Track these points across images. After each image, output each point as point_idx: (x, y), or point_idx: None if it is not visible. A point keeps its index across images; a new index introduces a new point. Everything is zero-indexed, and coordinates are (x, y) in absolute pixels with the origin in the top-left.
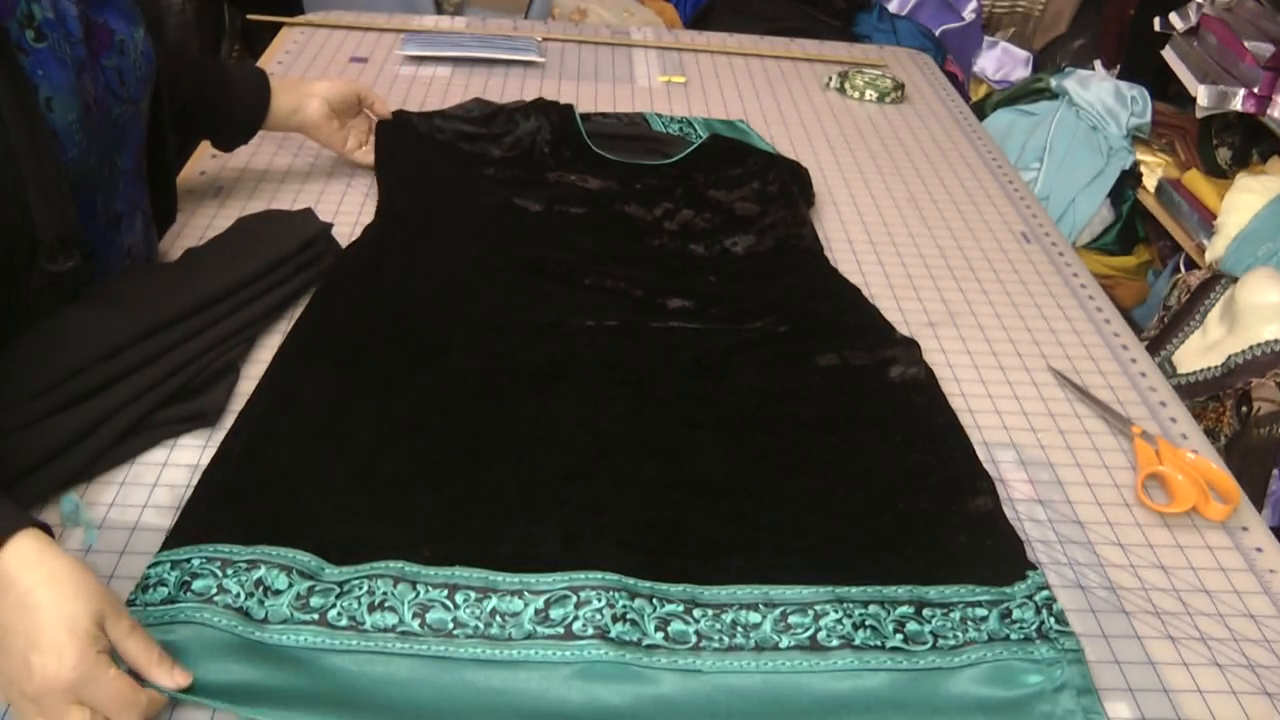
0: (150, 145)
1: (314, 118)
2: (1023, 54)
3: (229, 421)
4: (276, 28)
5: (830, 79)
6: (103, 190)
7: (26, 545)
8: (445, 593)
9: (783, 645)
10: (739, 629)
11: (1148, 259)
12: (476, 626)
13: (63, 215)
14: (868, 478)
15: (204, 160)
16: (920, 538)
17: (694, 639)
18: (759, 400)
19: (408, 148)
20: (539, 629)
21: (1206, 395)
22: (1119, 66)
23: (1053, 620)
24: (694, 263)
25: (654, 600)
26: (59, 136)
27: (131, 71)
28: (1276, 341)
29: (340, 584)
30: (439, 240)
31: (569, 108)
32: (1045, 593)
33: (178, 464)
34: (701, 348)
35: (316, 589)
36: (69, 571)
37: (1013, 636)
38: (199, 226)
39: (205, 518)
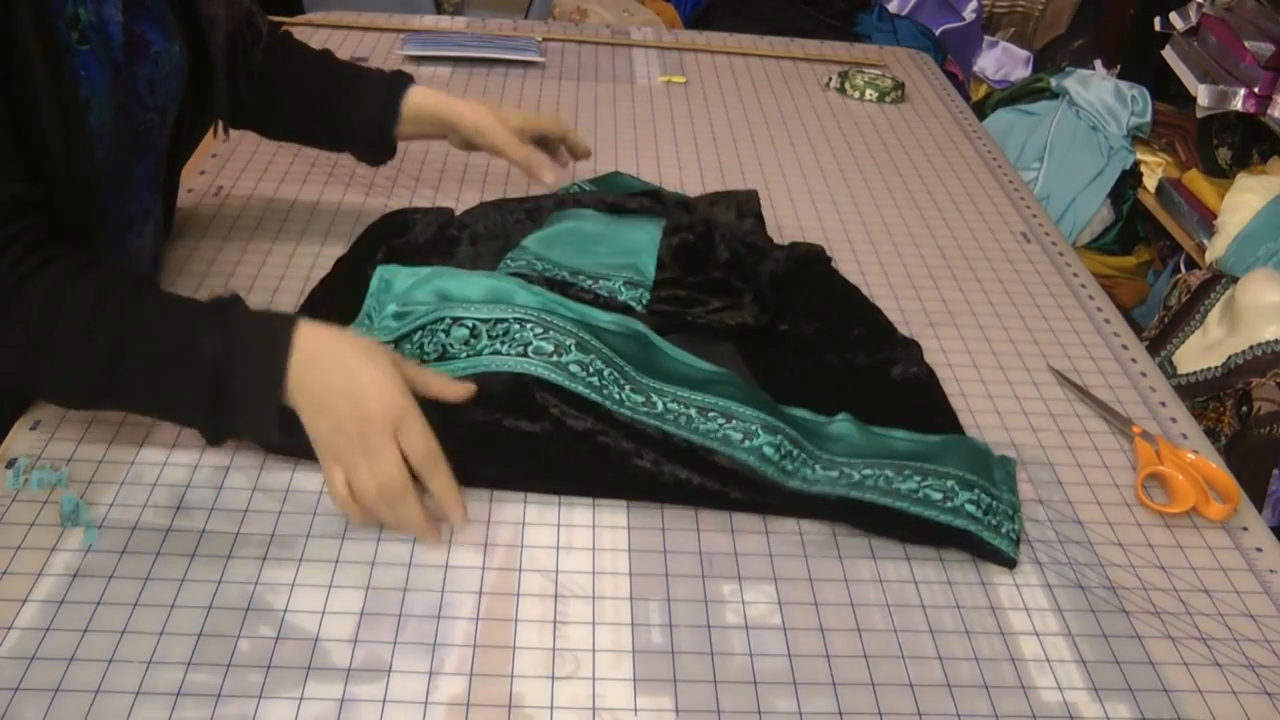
0: (170, 157)
1: (455, 145)
2: (1023, 54)
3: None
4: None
5: (830, 79)
6: (120, 193)
7: (310, 328)
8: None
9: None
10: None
11: (1148, 259)
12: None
13: (84, 214)
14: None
15: (204, 160)
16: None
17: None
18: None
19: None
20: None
21: (1206, 395)
22: (1119, 66)
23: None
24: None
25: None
26: (94, 137)
27: (163, 84)
28: (1276, 341)
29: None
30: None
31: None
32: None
33: (177, 464)
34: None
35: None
36: (354, 338)
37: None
38: (199, 226)
39: None
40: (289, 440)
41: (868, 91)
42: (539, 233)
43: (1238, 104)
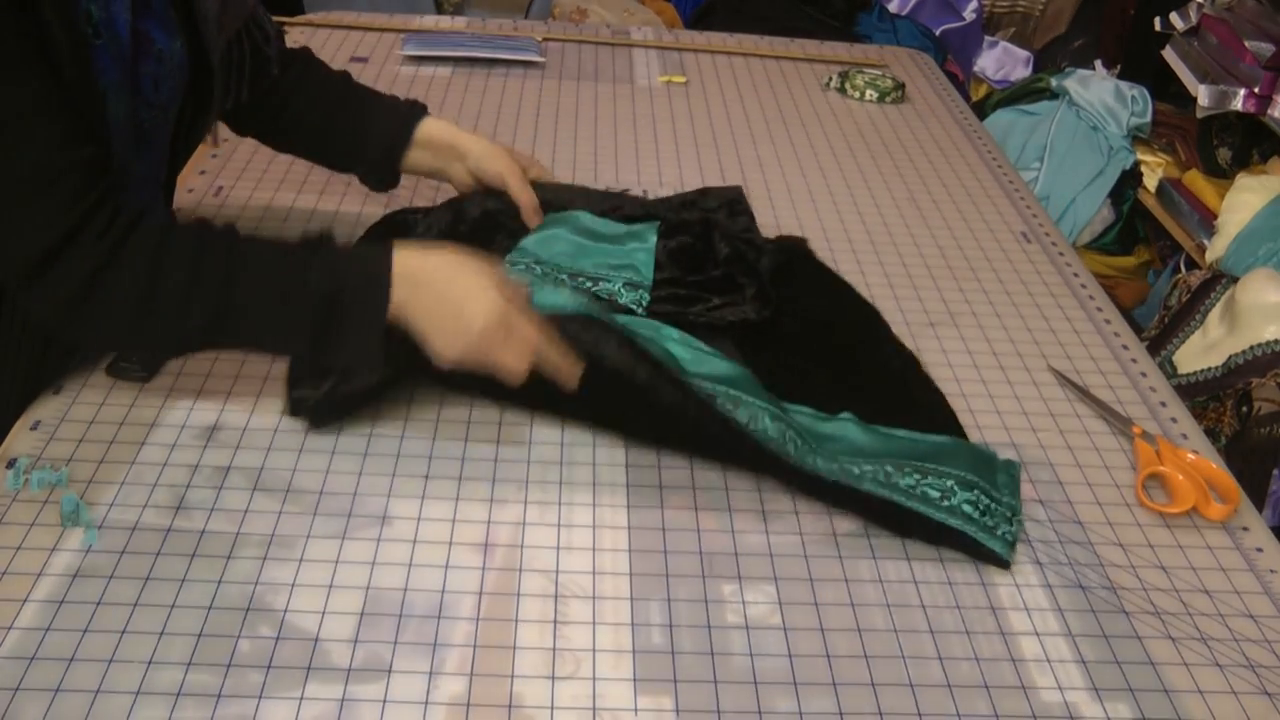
0: (170, 156)
1: (457, 182)
2: (1023, 54)
3: (238, 421)
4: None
5: (830, 79)
6: (122, 190)
7: (406, 252)
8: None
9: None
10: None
11: (1148, 259)
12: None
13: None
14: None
15: (204, 160)
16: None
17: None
18: None
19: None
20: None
21: (1206, 395)
22: (1119, 66)
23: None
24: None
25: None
26: (111, 129)
27: (166, 81)
28: (1276, 341)
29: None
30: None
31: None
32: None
33: (177, 464)
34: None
35: None
36: (450, 255)
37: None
38: None
39: None
40: (393, 366)
41: (868, 92)
42: (535, 233)
43: (1238, 104)
